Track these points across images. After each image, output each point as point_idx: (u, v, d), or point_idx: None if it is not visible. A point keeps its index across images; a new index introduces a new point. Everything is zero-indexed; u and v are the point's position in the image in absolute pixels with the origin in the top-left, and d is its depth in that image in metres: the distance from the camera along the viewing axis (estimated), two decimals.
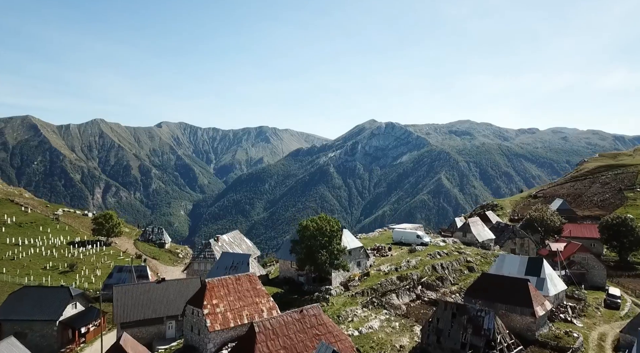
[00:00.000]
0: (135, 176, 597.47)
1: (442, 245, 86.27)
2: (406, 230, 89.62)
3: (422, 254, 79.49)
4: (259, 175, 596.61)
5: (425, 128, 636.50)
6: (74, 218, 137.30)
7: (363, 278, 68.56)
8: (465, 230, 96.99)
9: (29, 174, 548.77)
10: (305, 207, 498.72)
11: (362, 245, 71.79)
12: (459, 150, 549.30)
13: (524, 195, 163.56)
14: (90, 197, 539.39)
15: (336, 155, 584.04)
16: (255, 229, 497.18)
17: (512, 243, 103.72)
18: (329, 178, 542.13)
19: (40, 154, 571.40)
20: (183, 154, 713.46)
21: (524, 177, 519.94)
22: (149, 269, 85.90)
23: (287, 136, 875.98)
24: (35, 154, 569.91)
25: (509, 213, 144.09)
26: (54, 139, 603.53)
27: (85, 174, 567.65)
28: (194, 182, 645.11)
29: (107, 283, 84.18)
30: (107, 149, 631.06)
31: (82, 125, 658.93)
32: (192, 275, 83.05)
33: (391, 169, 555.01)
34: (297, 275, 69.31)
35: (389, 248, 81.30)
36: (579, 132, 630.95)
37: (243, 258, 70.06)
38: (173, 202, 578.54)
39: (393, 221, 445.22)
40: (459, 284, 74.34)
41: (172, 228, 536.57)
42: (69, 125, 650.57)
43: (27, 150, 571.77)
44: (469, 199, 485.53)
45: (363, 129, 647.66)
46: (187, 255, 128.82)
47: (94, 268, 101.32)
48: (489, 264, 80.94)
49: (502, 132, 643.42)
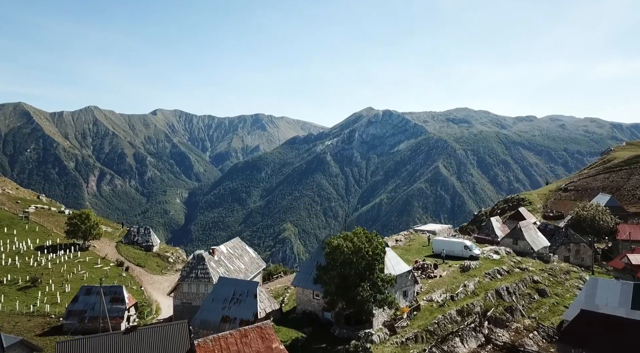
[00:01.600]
0: (130, 164, 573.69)
1: (496, 259, 66.39)
2: (450, 240, 69.46)
3: (478, 273, 59.67)
4: (255, 163, 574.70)
5: (423, 116, 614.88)
6: (47, 217, 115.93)
7: (413, 315, 48.62)
8: (517, 237, 76.99)
9: (22, 161, 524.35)
10: (302, 196, 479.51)
11: (410, 269, 51.62)
12: (456, 138, 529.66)
13: (552, 188, 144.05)
14: (84, 185, 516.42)
15: (333, 143, 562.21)
16: (252, 217, 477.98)
17: (566, 250, 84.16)
18: (326, 166, 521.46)
19: (33, 141, 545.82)
20: (178, 141, 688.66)
21: (522, 165, 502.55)
22: (125, 291, 65.36)
23: (284, 124, 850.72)
24: (28, 141, 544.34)
25: (540, 210, 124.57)
26: (47, 127, 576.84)
27: (80, 162, 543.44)
28: (190, 170, 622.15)
29: (70, 309, 63.70)
30: (102, 137, 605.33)
31: (76, 113, 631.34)
32: (180, 300, 62.67)
33: (388, 157, 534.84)
34: (322, 310, 49.28)
35: (434, 265, 61.24)
36: (576, 120, 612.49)
37: (248, 287, 49.79)
38: (169, 190, 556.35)
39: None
40: (532, 314, 54.69)
41: (168, 217, 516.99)
42: (62, 113, 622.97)
43: (19, 138, 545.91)
44: (467, 188, 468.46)
45: (360, 116, 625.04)
46: (179, 259, 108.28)
47: (63, 282, 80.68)
48: (562, 285, 61.41)
49: (499, 119, 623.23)
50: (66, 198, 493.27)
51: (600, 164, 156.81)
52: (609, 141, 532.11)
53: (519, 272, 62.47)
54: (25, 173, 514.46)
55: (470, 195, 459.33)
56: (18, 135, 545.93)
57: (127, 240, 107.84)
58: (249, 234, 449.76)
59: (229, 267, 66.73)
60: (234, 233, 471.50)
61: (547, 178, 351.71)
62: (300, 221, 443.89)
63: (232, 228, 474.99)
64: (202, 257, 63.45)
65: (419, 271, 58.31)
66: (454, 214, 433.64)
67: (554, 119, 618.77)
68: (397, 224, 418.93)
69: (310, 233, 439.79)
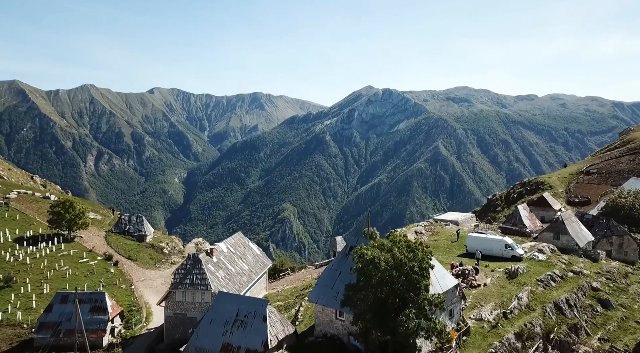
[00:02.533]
0: (128, 143, 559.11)
1: (543, 261, 55.72)
2: (488, 237, 58.51)
3: (529, 280, 49.05)
4: (253, 142, 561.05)
5: (423, 94, 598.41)
6: (30, 203, 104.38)
7: (462, 341, 38.08)
8: (558, 230, 66.10)
9: (19, 140, 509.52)
10: (301, 176, 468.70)
11: (457, 283, 40.76)
12: (456, 117, 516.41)
13: (572, 171, 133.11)
14: (82, 165, 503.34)
15: (332, 122, 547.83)
16: (251, 197, 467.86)
17: (608, 243, 73.53)
18: (325, 146, 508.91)
19: (29, 120, 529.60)
20: (176, 120, 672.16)
21: (522, 144, 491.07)
22: (108, 299, 54.52)
23: (282, 103, 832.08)
24: (24, 120, 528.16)
25: (562, 195, 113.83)
26: (43, 105, 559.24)
27: (77, 141, 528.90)
28: (188, 150, 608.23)
29: (43, 321, 53.04)
30: (98, 116, 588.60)
31: (72, 91, 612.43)
32: (173, 310, 51.93)
33: (388, 137, 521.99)
34: (348, 334, 38.63)
35: (475, 270, 50.44)
36: (577, 99, 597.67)
37: (256, 307, 38.84)
38: (167, 170, 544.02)
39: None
40: (600, 334, 44.29)
41: (166, 196, 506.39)
42: (58, 91, 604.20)
43: (15, 116, 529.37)
44: (466, 167, 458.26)
45: (359, 95, 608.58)
46: (175, 250, 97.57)
47: (42, 281, 69.92)
48: (625, 293, 51.04)
49: (500, 98, 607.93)
50: (64, 178, 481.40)
51: (620, 144, 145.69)
52: (610, 120, 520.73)
53: (573, 278, 51.91)
54: (22, 152, 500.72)
55: (470, 175, 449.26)
56: (14, 114, 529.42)
57: (117, 230, 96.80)
58: (248, 214, 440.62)
59: (230, 269, 55.91)
60: (233, 213, 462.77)
61: (564, 161, 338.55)
62: (300, 201, 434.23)
63: (231, 208, 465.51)
64: (198, 259, 52.50)
65: (460, 278, 47.61)
66: (453, 194, 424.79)
67: (555, 97, 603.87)
68: (396, 204, 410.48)
69: (310, 213, 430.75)
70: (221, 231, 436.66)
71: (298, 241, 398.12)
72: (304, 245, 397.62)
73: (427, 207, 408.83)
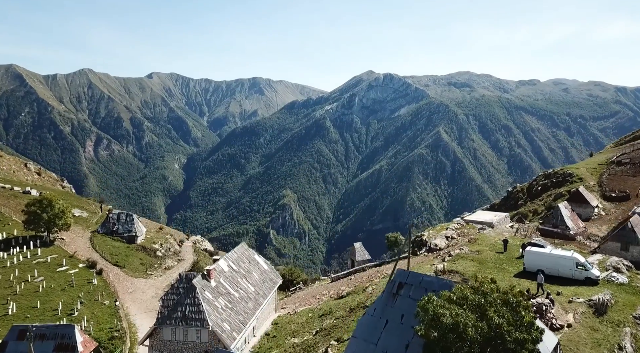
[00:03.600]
0: (127, 129, 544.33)
1: (625, 284, 43.46)
2: (554, 253, 46.01)
3: (622, 316, 36.86)
4: (253, 128, 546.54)
5: (424, 80, 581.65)
6: (7, 199, 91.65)
7: None
8: (628, 240, 53.78)
9: (17, 125, 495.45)
10: (302, 162, 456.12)
11: (557, 342, 28.45)
12: (458, 102, 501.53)
13: (601, 161, 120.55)
14: (81, 150, 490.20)
15: (332, 108, 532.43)
16: (251, 183, 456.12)
17: None
18: (325, 132, 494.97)
19: (27, 105, 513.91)
20: (175, 106, 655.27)
21: (523, 130, 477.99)
22: (79, 333, 42.15)
23: (282, 88, 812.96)
24: (22, 104, 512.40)
25: (596, 188, 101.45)
26: (40, 90, 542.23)
27: (75, 126, 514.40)
28: (188, 135, 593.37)
29: None
30: (97, 101, 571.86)
31: (70, 76, 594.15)
32: (160, 351, 39.77)
33: (389, 122, 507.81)
34: None
35: (551, 302, 37.99)
36: (579, 84, 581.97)
37: None
38: (167, 156, 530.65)
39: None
40: None
41: (166, 182, 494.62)
42: (56, 75, 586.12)
43: (13, 101, 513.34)
44: (467, 153, 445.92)
45: (360, 80, 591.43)
46: (169, 252, 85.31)
47: (9, 297, 57.66)
48: None
49: (502, 83, 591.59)
50: (63, 164, 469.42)
51: None
52: (613, 105, 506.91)
53: None
54: (20, 137, 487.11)
55: (471, 161, 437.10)
56: (11, 99, 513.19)
57: (104, 230, 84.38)
58: (248, 200, 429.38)
59: (233, 294, 43.60)
60: (233, 200, 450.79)
61: (590, 150, 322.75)
62: (300, 188, 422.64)
63: (232, 195, 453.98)
64: (192, 286, 40.12)
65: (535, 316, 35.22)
66: (454, 180, 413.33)
67: (557, 82, 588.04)
68: (396, 190, 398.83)
69: (310, 199, 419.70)
70: (221, 217, 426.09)
71: (298, 227, 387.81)
72: (304, 231, 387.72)
73: (427, 193, 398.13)
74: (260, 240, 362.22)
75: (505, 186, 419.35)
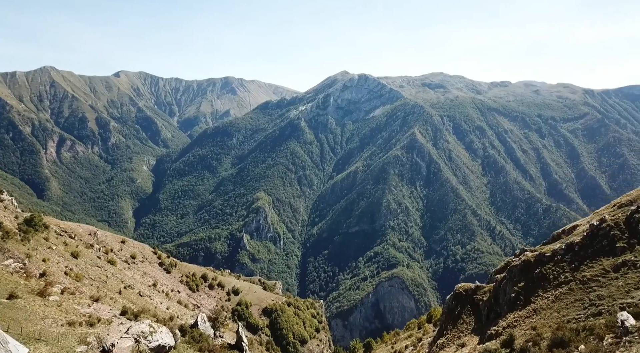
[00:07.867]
0: (92, 129, 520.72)
1: None
2: None
3: None
4: (225, 129, 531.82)
5: (399, 80, 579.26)
6: None
7: None
8: None
9: None
10: (276, 163, 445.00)
11: None
12: (432, 103, 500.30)
13: None
14: (42, 152, 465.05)
15: (307, 108, 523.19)
16: (224, 186, 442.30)
17: None
18: (300, 133, 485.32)
19: None
20: (144, 105, 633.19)
21: (497, 131, 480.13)
22: None
23: (255, 88, 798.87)
24: None
25: None
26: None
27: (37, 127, 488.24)
28: (157, 136, 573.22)
29: None
30: (60, 100, 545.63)
31: (30, 73, 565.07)
32: None
33: (364, 123, 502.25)
34: None
35: None
36: (549, 86, 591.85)
37: None
38: (135, 157, 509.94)
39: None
40: None
41: (134, 185, 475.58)
42: (15, 73, 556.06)
43: None
44: (443, 154, 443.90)
45: (335, 80, 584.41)
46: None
47: None
48: None
49: (475, 85, 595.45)
50: (23, 166, 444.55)
51: None
52: (581, 107, 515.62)
53: None
54: None
55: (446, 162, 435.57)
56: None
57: None
58: (220, 203, 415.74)
59: None
60: (204, 203, 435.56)
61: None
62: (274, 190, 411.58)
63: (203, 197, 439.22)
64: None
65: None
66: (430, 182, 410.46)
67: (528, 84, 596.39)
68: (372, 192, 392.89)
69: (285, 202, 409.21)
70: (192, 221, 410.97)
71: (273, 231, 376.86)
72: (279, 235, 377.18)
73: (403, 194, 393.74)
74: (233, 245, 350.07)
75: (480, 187, 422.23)
